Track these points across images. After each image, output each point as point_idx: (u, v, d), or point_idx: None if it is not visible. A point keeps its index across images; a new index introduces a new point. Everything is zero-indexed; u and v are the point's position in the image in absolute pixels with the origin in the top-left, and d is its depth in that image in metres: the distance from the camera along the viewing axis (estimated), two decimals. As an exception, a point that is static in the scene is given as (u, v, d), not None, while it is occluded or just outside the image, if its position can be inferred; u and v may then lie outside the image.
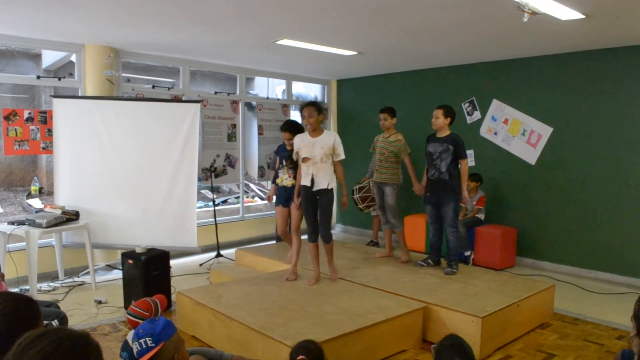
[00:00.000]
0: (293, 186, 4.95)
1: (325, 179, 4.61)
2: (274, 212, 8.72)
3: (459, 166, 5.12)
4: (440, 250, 5.40)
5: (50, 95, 6.26)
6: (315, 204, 4.70)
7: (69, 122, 5.87)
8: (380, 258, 5.73)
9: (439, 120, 5.14)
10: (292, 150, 4.86)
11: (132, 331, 2.11)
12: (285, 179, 5.07)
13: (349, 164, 6.17)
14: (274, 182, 5.42)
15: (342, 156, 4.70)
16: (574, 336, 4.32)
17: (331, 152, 4.63)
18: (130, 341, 2.07)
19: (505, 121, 6.87)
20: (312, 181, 4.63)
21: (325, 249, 4.84)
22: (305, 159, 4.66)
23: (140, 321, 3.28)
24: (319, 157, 4.59)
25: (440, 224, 5.32)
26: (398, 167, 5.55)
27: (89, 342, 1.45)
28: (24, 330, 1.56)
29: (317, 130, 4.67)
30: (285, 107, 8.47)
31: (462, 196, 5.16)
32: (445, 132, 5.16)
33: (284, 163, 5.08)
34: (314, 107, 4.65)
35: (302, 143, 4.69)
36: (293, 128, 5.06)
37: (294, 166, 4.94)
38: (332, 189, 4.66)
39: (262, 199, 10.74)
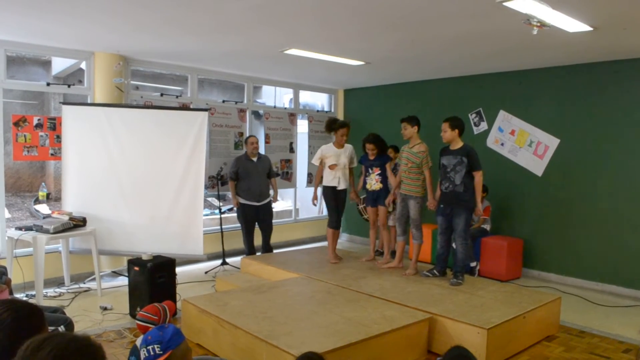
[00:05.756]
0: (380, 189, 5.77)
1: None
2: (284, 220, 8.81)
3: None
4: (447, 262, 5.38)
5: (60, 102, 6.32)
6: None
7: (77, 129, 5.91)
8: (387, 268, 5.70)
9: (447, 134, 5.13)
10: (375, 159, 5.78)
11: (142, 336, 2.11)
12: (373, 184, 5.82)
13: (355, 174, 6.19)
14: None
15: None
16: (580, 349, 4.29)
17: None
18: (139, 346, 2.07)
19: (512, 132, 6.87)
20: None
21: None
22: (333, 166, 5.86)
23: (150, 326, 3.29)
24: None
25: (449, 236, 5.30)
26: (422, 178, 5.43)
27: (92, 343, 1.51)
28: (27, 339, 1.57)
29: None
30: (292, 115, 8.50)
31: (477, 208, 5.14)
32: (458, 144, 5.13)
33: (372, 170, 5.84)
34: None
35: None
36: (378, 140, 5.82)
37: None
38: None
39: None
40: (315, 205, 6.36)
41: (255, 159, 6.69)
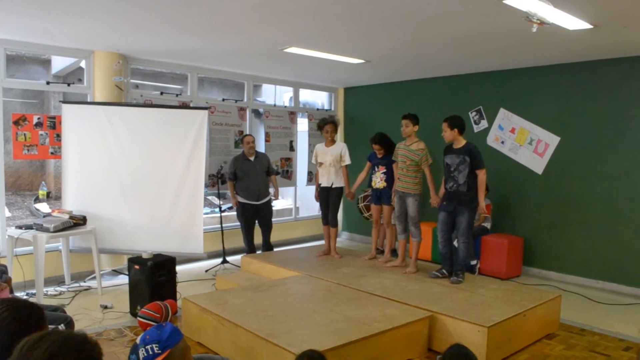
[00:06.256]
0: (384, 188, 5.84)
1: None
2: (284, 218, 8.80)
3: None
4: (452, 260, 5.33)
5: (60, 101, 6.31)
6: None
7: (77, 127, 5.91)
8: (389, 266, 5.69)
9: (447, 134, 5.13)
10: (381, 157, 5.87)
11: (140, 335, 2.11)
12: (377, 182, 5.90)
13: (355, 172, 6.19)
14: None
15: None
16: (580, 347, 4.29)
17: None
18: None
19: (512, 130, 6.86)
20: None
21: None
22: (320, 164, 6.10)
23: (152, 323, 3.30)
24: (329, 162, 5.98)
25: (450, 234, 5.30)
26: (419, 176, 5.44)
27: (89, 340, 1.52)
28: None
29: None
30: (292, 114, 8.49)
31: (480, 207, 5.14)
32: (461, 143, 5.12)
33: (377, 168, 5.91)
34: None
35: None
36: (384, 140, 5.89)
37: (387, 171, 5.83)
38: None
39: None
40: (317, 202, 6.42)
41: (252, 158, 6.67)
